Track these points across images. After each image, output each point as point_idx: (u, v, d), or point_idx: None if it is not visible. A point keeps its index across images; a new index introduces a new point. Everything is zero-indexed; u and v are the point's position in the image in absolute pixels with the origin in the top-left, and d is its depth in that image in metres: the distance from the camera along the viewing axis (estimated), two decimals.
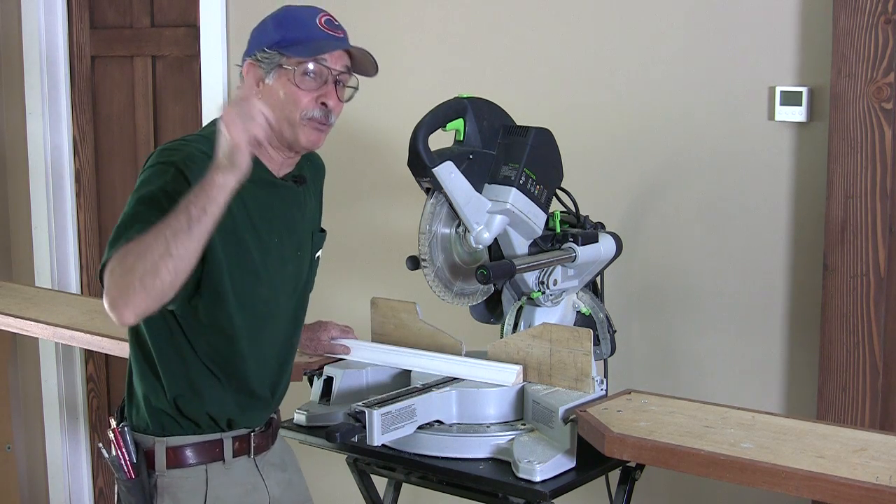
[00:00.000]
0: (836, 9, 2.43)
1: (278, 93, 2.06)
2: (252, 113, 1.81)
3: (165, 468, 2.10)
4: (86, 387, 4.17)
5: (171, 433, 2.11)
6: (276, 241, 2.14)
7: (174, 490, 2.11)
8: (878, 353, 2.44)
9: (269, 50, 2.05)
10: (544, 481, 2.03)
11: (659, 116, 2.73)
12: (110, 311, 1.82)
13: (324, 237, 2.34)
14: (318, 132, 2.09)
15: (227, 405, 2.13)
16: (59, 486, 4.21)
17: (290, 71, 2.05)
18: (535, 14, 2.90)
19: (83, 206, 4.09)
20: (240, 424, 2.17)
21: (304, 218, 2.25)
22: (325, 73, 2.07)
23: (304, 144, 2.10)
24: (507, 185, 2.27)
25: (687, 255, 2.72)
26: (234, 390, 2.13)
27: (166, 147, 2.06)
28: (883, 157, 2.41)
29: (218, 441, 2.14)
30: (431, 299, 2.35)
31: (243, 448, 2.18)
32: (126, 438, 2.10)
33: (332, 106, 2.08)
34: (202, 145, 2.02)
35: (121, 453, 2.10)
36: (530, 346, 2.26)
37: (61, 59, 4.02)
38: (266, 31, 2.09)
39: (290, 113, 2.06)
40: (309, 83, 2.06)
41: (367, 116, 3.20)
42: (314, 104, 2.06)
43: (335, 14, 2.15)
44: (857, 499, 1.73)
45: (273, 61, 2.05)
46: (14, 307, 3.17)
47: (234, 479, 2.16)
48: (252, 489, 2.19)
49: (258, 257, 2.09)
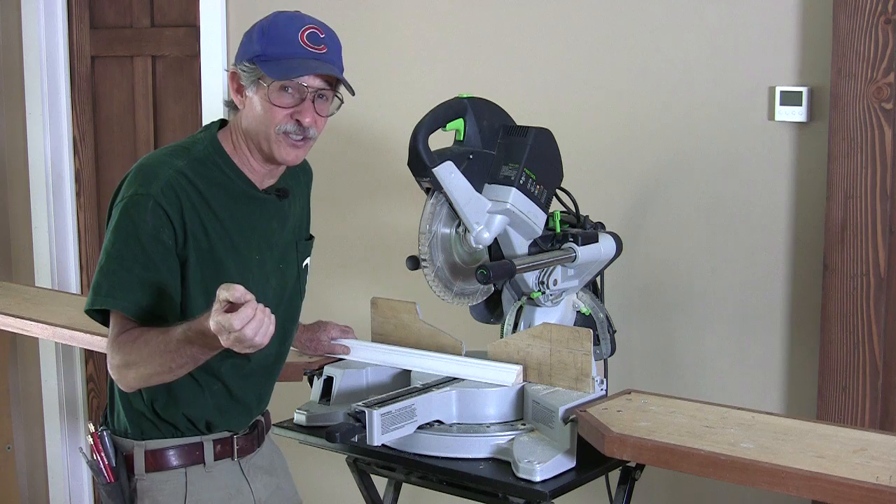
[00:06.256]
0: (836, 9, 2.43)
1: (257, 106, 2.07)
2: (253, 344, 1.81)
3: (145, 472, 2.12)
4: (86, 387, 4.17)
5: (150, 437, 2.12)
6: (256, 257, 2.15)
7: (154, 493, 2.12)
8: (878, 353, 2.44)
9: (250, 64, 2.06)
10: (544, 481, 2.03)
11: (659, 116, 2.73)
12: (116, 379, 2.05)
13: (311, 245, 2.35)
14: (294, 148, 2.09)
15: (206, 408, 2.14)
16: (59, 486, 4.21)
17: (266, 87, 2.05)
18: (536, 14, 2.90)
19: (83, 206, 4.10)
20: (220, 427, 2.17)
21: (285, 230, 2.25)
22: (303, 91, 2.06)
23: (280, 160, 2.10)
24: (507, 185, 2.27)
25: (687, 255, 2.72)
26: (214, 394, 2.14)
27: (145, 167, 2.08)
28: (883, 157, 2.41)
29: (198, 444, 2.15)
30: (431, 299, 2.35)
31: (226, 451, 2.18)
32: (105, 442, 2.12)
33: (307, 123, 2.07)
34: (181, 160, 2.07)
35: (100, 457, 2.12)
36: (530, 346, 2.26)
37: (61, 59, 4.02)
38: (251, 41, 2.08)
39: (266, 127, 2.07)
40: (285, 100, 2.06)
41: (367, 116, 3.20)
42: (288, 119, 2.06)
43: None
44: (857, 499, 1.73)
45: (253, 74, 2.06)
46: (14, 307, 3.17)
47: (216, 482, 2.17)
48: (236, 493, 2.19)
49: (238, 277, 2.06)
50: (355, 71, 3.22)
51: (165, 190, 2.02)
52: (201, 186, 2.07)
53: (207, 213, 2.07)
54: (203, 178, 2.08)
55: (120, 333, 2.02)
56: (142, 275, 2.01)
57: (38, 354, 4.17)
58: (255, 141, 2.09)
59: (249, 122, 2.08)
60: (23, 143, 4.09)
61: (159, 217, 2.01)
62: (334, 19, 3.23)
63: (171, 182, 2.03)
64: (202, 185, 2.07)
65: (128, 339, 2.00)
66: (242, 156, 2.13)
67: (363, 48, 3.20)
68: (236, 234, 2.11)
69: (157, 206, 2.01)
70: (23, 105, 4.06)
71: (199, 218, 2.05)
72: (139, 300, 2.01)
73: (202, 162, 2.09)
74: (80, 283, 4.15)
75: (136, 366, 1.99)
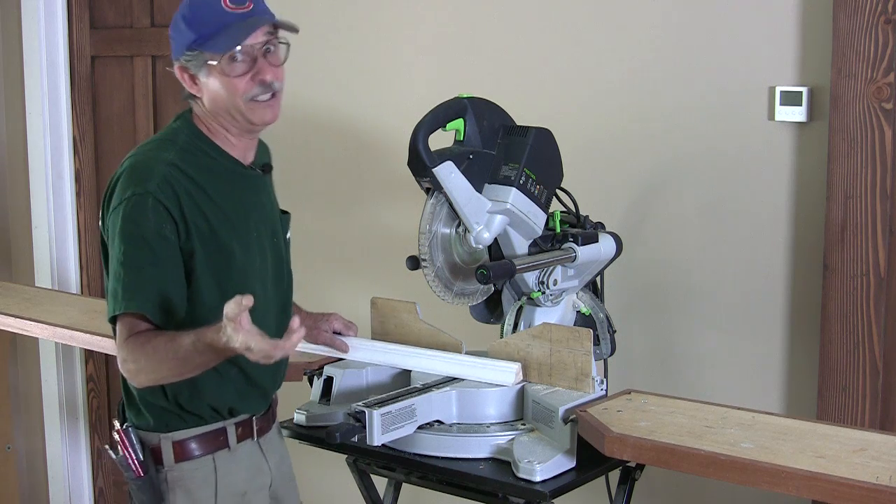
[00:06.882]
0: (836, 9, 2.43)
1: (216, 86, 2.09)
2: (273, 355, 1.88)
3: (174, 462, 2.14)
4: (86, 387, 4.17)
5: (176, 428, 2.14)
6: (254, 235, 2.19)
7: (186, 482, 2.14)
8: (878, 353, 2.44)
9: (191, 51, 2.08)
10: (544, 481, 2.03)
11: (659, 116, 2.73)
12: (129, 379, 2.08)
13: (288, 219, 2.37)
14: (267, 108, 2.12)
15: (228, 395, 2.17)
16: (59, 486, 4.20)
17: (216, 65, 2.07)
18: (536, 14, 2.90)
19: (83, 206, 4.09)
20: (242, 412, 2.20)
21: (273, 204, 2.29)
22: (251, 51, 2.08)
23: (259, 123, 2.13)
24: (507, 185, 2.27)
25: (687, 254, 2.72)
26: (233, 380, 2.16)
27: (136, 165, 2.10)
28: (883, 157, 2.41)
29: (221, 430, 2.17)
30: (431, 299, 2.35)
31: (247, 433, 2.21)
32: (131, 437, 2.14)
33: (269, 79, 2.09)
34: (169, 153, 2.10)
35: (127, 453, 2.13)
36: (530, 346, 2.26)
37: (61, 60, 4.01)
38: (181, 32, 2.10)
39: (234, 101, 2.09)
40: (238, 68, 2.08)
41: (368, 116, 3.20)
42: (251, 85, 2.09)
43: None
44: (857, 499, 1.73)
45: (198, 60, 2.08)
46: (14, 307, 3.17)
47: (240, 463, 2.20)
48: (257, 472, 2.23)
49: (242, 257, 2.13)
50: (356, 71, 3.23)
51: (162, 185, 2.05)
52: (193, 174, 2.10)
53: (204, 199, 2.10)
54: (193, 166, 2.11)
55: (129, 336, 2.04)
56: (152, 273, 2.03)
57: (38, 354, 4.16)
58: (226, 117, 2.12)
59: (215, 103, 2.11)
60: (23, 143, 4.09)
61: (160, 213, 2.04)
62: (335, 19, 3.25)
63: (165, 176, 2.06)
64: (194, 173, 2.10)
65: (136, 343, 2.02)
66: (221, 136, 2.16)
67: (363, 48, 3.20)
68: (234, 215, 2.14)
69: (157, 202, 2.03)
70: (23, 105, 4.06)
71: (196, 206, 2.08)
72: (153, 299, 2.04)
73: (188, 150, 2.13)
74: (80, 283, 4.15)
75: (146, 371, 2.03)
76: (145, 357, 2.01)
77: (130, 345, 2.03)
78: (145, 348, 2.01)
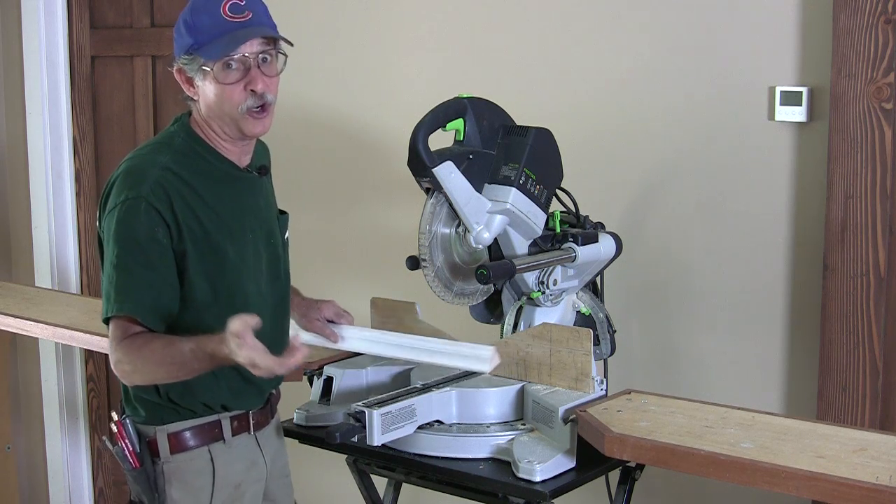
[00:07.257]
0: (836, 9, 2.42)
1: (210, 91, 2.11)
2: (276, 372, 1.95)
3: (170, 454, 2.16)
4: (86, 387, 4.17)
5: (170, 421, 2.17)
6: (250, 236, 2.20)
7: (182, 474, 2.16)
8: (878, 353, 2.44)
9: (188, 55, 2.10)
10: (544, 481, 2.03)
11: (659, 116, 2.73)
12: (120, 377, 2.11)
13: (287, 219, 2.37)
14: (258, 120, 2.13)
15: (221, 393, 2.18)
16: (59, 486, 4.20)
17: (210, 71, 2.09)
18: (536, 14, 2.90)
19: (83, 206, 4.09)
20: (236, 408, 2.21)
21: (270, 205, 2.30)
22: (246, 61, 2.10)
23: (250, 134, 2.15)
24: (506, 185, 2.27)
25: (687, 254, 2.72)
26: (227, 378, 2.17)
27: (131, 169, 2.13)
28: (883, 157, 2.41)
29: (216, 422, 2.19)
30: (431, 299, 2.35)
31: (243, 426, 2.22)
32: (128, 429, 2.17)
33: (261, 89, 2.10)
34: (164, 156, 2.12)
35: (124, 444, 2.16)
36: (530, 346, 2.26)
37: (61, 60, 4.01)
38: (181, 35, 2.12)
39: (227, 109, 2.11)
40: (232, 75, 2.09)
41: (368, 116, 3.20)
42: (244, 95, 2.10)
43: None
44: (857, 499, 1.73)
45: (195, 64, 2.10)
46: (14, 307, 3.17)
47: (235, 455, 2.21)
48: (252, 465, 2.24)
49: (235, 257, 2.15)
50: (356, 71, 3.23)
51: (155, 189, 2.07)
52: (187, 177, 2.11)
53: (198, 202, 2.11)
54: (188, 169, 2.12)
55: (124, 337, 2.06)
56: (144, 276, 2.06)
57: (38, 354, 4.16)
58: (219, 124, 2.14)
59: (209, 108, 2.13)
60: (23, 143, 4.09)
61: (153, 217, 2.06)
62: (335, 19, 3.25)
63: (158, 180, 2.08)
64: (188, 176, 2.12)
65: (132, 345, 2.05)
66: (215, 140, 2.17)
67: (363, 48, 3.20)
68: (228, 217, 2.15)
69: (150, 206, 2.06)
70: (23, 105, 4.06)
71: (190, 208, 2.10)
72: (145, 301, 2.06)
73: (184, 153, 2.14)
74: (79, 283, 4.15)
75: (141, 373, 2.07)
76: (142, 360, 2.04)
77: (126, 346, 2.05)
78: (142, 351, 2.04)
